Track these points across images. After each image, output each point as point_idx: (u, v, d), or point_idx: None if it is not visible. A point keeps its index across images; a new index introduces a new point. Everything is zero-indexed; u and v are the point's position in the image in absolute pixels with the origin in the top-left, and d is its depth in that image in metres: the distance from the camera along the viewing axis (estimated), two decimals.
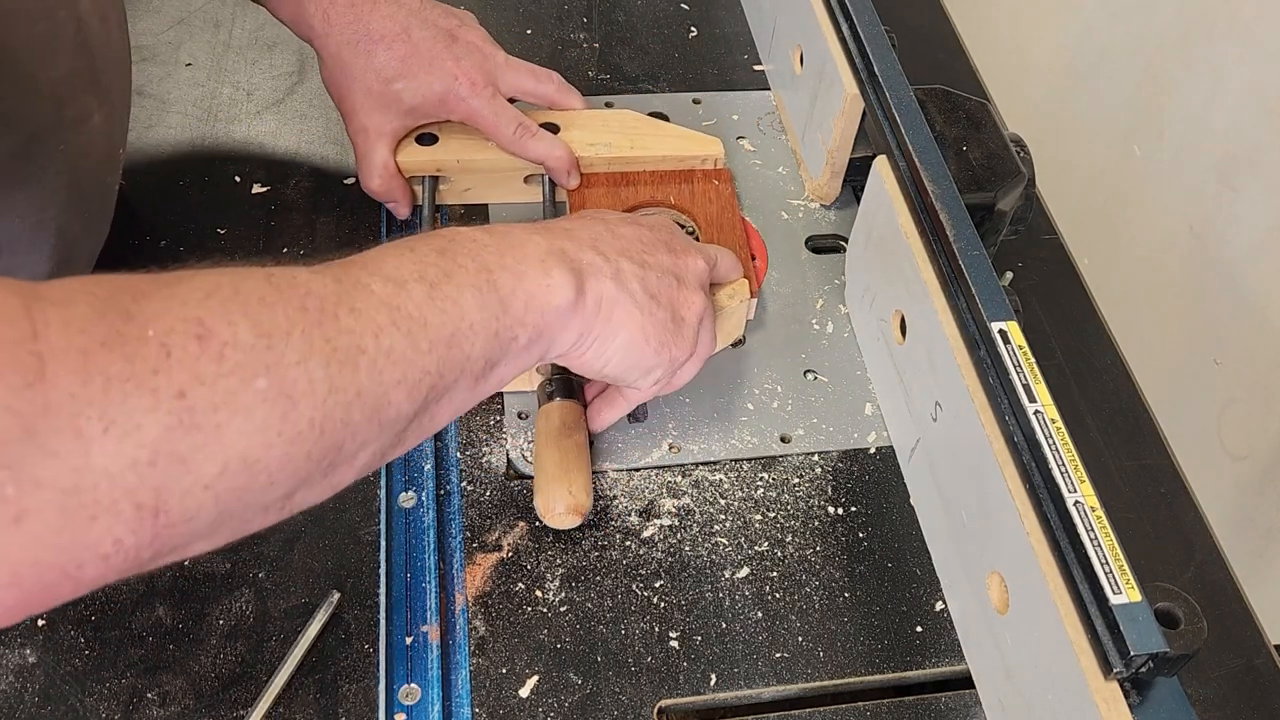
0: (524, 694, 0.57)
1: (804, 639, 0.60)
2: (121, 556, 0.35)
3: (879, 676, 0.59)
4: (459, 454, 0.66)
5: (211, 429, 0.36)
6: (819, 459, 0.67)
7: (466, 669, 0.57)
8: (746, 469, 0.66)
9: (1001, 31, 1.41)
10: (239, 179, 0.79)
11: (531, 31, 0.93)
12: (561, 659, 0.58)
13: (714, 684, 0.58)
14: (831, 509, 0.65)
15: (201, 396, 0.36)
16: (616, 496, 0.65)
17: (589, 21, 0.95)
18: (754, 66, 0.92)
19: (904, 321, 0.65)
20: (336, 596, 0.59)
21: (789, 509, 0.65)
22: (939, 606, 0.61)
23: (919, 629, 0.61)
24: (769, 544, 0.63)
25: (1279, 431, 1.09)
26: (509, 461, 0.65)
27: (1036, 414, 0.52)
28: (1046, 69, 1.36)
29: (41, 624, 0.57)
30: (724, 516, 0.64)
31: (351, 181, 0.79)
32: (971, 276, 0.58)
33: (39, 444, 0.33)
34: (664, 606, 0.60)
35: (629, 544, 0.63)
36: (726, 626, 0.60)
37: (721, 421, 0.68)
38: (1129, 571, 0.47)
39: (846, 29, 0.74)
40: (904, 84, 0.69)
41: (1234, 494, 1.16)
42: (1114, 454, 0.70)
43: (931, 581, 0.62)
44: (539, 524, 0.62)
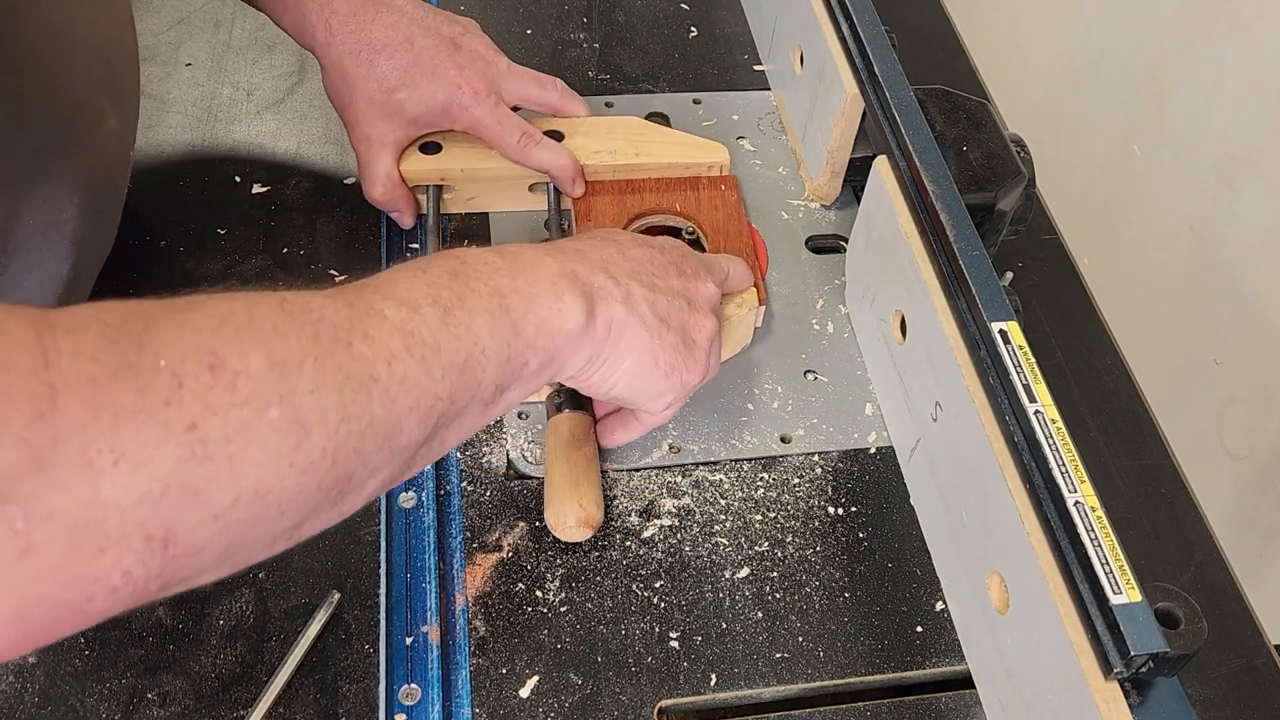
0: (524, 694, 0.57)
1: (804, 639, 0.60)
2: (130, 589, 0.35)
3: (879, 676, 0.59)
4: (459, 454, 0.66)
5: (223, 460, 0.36)
6: (819, 459, 0.67)
7: (467, 669, 0.57)
8: (747, 469, 0.66)
9: (1001, 31, 1.41)
10: (239, 179, 0.79)
11: (531, 32, 0.93)
12: (562, 659, 0.58)
13: (714, 684, 0.58)
14: (832, 509, 0.65)
15: (213, 428, 0.35)
16: (616, 496, 0.65)
17: (589, 21, 0.95)
18: (754, 66, 0.92)
19: (904, 321, 0.65)
20: (336, 596, 0.59)
21: (789, 509, 0.65)
22: (939, 606, 0.61)
23: (919, 629, 0.61)
24: (769, 544, 0.63)
25: (1279, 431, 1.09)
26: (509, 461, 0.65)
27: (1036, 414, 0.52)
28: (1046, 69, 1.36)
29: None
30: (724, 517, 0.64)
31: (351, 182, 0.79)
32: (971, 276, 0.58)
33: (49, 476, 0.32)
34: (664, 607, 0.60)
35: (629, 544, 0.63)
36: (727, 627, 0.60)
37: (721, 421, 0.68)
38: (1129, 571, 0.47)
39: (846, 29, 0.74)
40: (904, 84, 0.69)
41: (1234, 494, 1.16)
42: (1114, 454, 0.70)
43: (931, 581, 0.62)
44: (539, 524, 0.62)
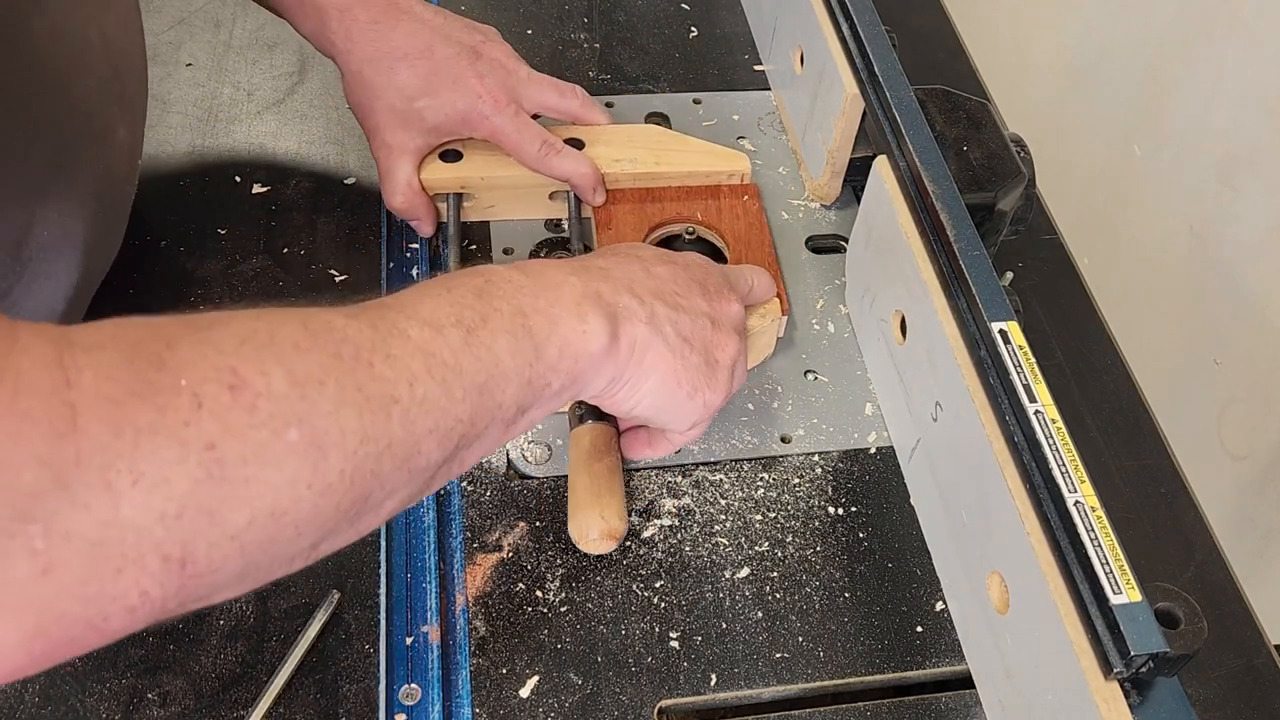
0: (524, 694, 0.57)
1: (804, 639, 0.60)
2: (147, 608, 0.35)
3: (879, 676, 0.59)
4: None
5: (240, 481, 0.36)
6: (819, 459, 0.67)
7: (467, 669, 0.57)
8: (747, 469, 0.66)
9: (1001, 31, 1.41)
10: (239, 179, 0.79)
11: (532, 31, 0.93)
12: (562, 659, 0.58)
13: (714, 684, 0.58)
14: (832, 509, 0.65)
15: (232, 449, 0.35)
16: None
17: (589, 21, 0.95)
18: (754, 66, 0.92)
19: (904, 321, 0.65)
20: (336, 596, 0.59)
21: (789, 509, 0.65)
22: (939, 606, 0.61)
23: (919, 629, 0.61)
24: (769, 544, 0.63)
25: (1279, 431, 1.09)
26: (509, 461, 0.65)
27: (1037, 414, 0.52)
28: (1046, 69, 1.36)
29: None
30: (724, 517, 0.64)
31: (352, 182, 0.79)
32: (972, 276, 0.58)
33: (70, 496, 0.32)
34: (664, 606, 0.60)
35: (629, 544, 0.63)
36: (727, 626, 0.60)
37: (721, 421, 0.68)
38: (1129, 571, 0.47)
39: (847, 29, 0.74)
40: (904, 84, 0.69)
41: (1234, 494, 1.16)
42: (1114, 454, 0.70)
43: (931, 581, 0.62)
44: (539, 524, 0.62)
